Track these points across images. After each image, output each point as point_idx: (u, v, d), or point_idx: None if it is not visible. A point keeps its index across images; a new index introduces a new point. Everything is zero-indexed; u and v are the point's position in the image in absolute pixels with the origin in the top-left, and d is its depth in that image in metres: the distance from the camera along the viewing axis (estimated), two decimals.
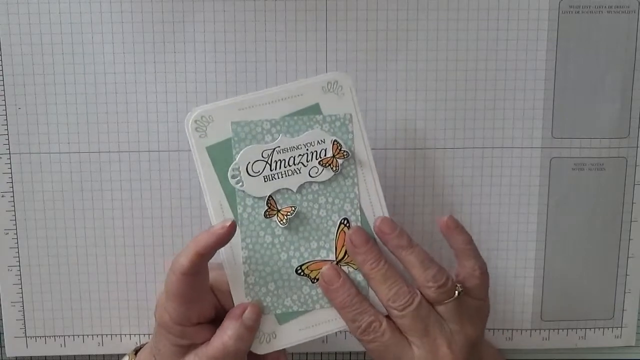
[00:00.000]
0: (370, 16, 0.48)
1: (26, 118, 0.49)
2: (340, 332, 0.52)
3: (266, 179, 0.44)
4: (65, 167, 0.50)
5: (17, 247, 0.51)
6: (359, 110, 0.45)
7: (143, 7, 0.48)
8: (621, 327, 0.54)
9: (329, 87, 0.44)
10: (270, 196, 0.44)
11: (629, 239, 0.52)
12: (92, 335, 0.53)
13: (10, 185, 0.50)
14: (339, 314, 0.44)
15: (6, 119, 0.49)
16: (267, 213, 0.44)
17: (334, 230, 0.45)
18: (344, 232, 0.45)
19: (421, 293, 0.43)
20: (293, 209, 0.45)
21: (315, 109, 0.45)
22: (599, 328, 0.54)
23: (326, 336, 0.53)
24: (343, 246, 0.45)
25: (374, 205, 0.45)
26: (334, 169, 0.45)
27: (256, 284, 0.44)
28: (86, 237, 0.51)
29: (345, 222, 0.45)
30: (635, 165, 0.51)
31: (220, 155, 0.44)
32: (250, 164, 0.44)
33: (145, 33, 0.48)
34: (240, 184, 0.44)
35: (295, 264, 0.45)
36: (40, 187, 0.50)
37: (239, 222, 0.44)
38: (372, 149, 0.50)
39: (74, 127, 0.50)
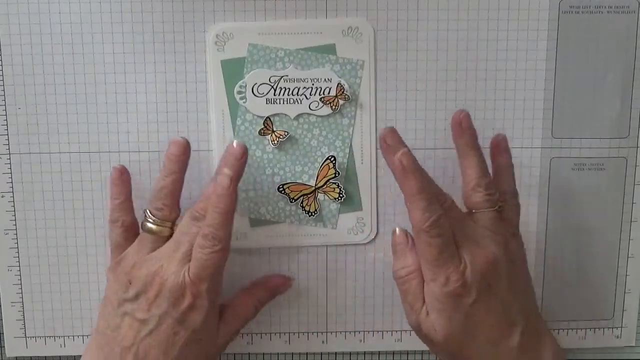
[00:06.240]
0: (370, 16, 0.48)
1: (26, 118, 0.49)
2: (337, 332, 0.52)
3: (268, 102, 0.49)
4: (65, 167, 0.50)
5: (17, 247, 0.51)
6: (374, 58, 0.48)
7: (143, 7, 0.48)
8: (621, 327, 0.54)
9: (349, 32, 0.48)
10: (268, 117, 0.49)
11: (629, 239, 0.52)
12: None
13: (10, 185, 0.50)
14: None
15: (6, 119, 0.49)
16: (262, 131, 0.49)
17: (320, 161, 0.49)
18: (327, 167, 0.49)
19: (465, 195, 0.46)
20: (286, 133, 0.49)
21: (330, 49, 0.48)
22: (599, 328, 0.54)
23: (326, 336, 0.53)
24: (324, 177, 0.49)
25: (363, 148, 0.49)
26: (333, 107, 0.48)
27: (239, 188, 0.47)
28: (86, 237, 0.51)
29: (332, 158, 0.49)
30: (635, 165, 0.51)
31: (232, 70, 0.48)
32: (257, 85, 0.48)
33: (145, 33, 0.48)
34: (244, 100, 0.48)
35: (278, 180, 0.50)
36: (40, 187, 0.50)
37: (236, 133, 0.49)
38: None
39: (74, 127, 0.50)
